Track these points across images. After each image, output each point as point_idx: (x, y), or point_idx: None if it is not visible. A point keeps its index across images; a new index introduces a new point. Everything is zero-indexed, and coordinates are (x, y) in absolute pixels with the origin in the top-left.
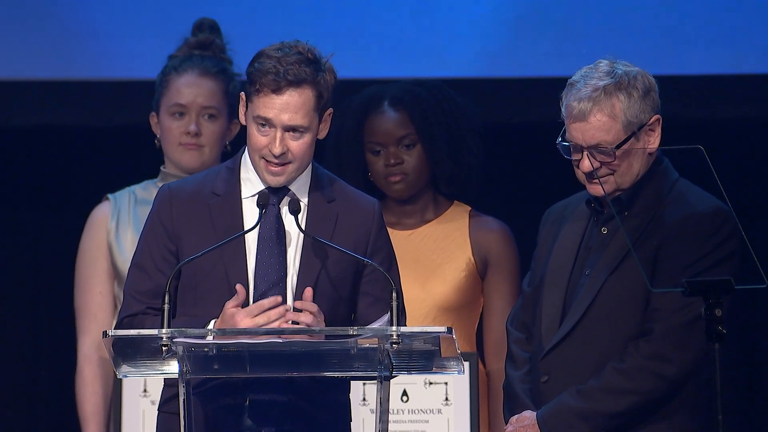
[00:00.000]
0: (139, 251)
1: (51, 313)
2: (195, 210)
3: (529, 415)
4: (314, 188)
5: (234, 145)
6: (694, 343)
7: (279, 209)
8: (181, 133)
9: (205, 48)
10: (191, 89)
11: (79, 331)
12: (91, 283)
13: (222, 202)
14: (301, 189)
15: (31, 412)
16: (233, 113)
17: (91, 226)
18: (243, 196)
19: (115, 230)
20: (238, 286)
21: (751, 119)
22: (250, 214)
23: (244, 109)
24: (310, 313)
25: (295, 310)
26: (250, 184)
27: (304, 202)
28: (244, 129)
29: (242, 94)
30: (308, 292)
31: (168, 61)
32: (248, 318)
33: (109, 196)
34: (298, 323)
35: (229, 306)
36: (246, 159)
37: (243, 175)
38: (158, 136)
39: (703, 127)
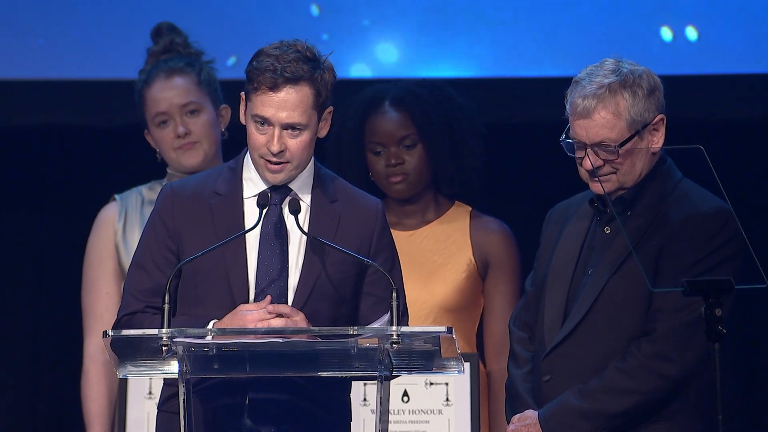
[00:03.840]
0: (140, 250)
1: (53, 314)
2: (196, 209)
3: (531, 415)
4: (317, 188)
5: (231, 130)
6: (697, 343)
7: (281, 209)
8: (172, 139)
9: (168, 51)
10: (164, 94)
11: (86, 331)
12: (98, 283)
13: (223, 201)
14: (303, 189)
15: (33, 413)
16: (218, 101)
17: (99, 227)
18: (245, 196)
19: (122, 230)
20: (268, 297)
21: (751, 119)
22: (252, 214)
23: (244, 108)
24: (286, 315)
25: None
26: (252, 184)
27: (306, 202)
28: (238, 114)
29: (242, 93)
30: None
31: (138, 76)
32: (259, 322)
33: (116, 196)
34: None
35: (246, 306)
36: (248, 159)
37: (245, 174)
38: (156, 149)
39: (703, 127)
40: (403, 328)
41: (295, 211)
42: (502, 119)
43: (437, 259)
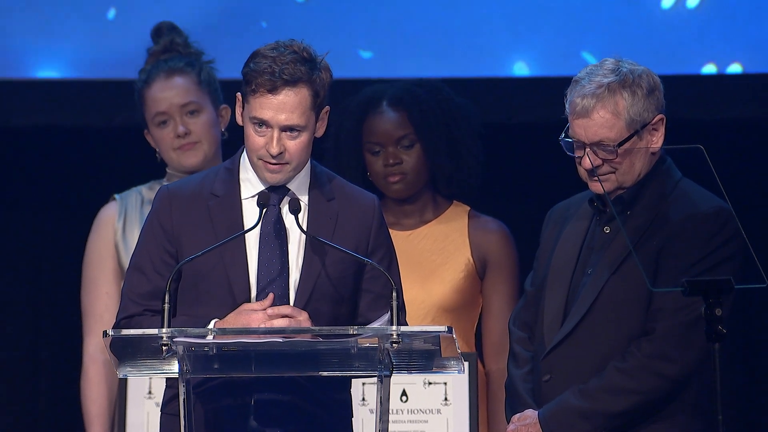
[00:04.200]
0: (138, 253)
1: (52, 314)
2: (194, 211)
3: (531, 414)
4: (314, 187)
5: (231, 130)
6: (697, 343)
7: (279, 209)
8: (172, 139)
9: (168, 51)
10: (164, 94)
11: (85, 331)
12: (97, 283)
13: (221, 202)
14: (300, 188)
15: (32, 413)
16: (218, 101)
17: (98, 226)
18: (242, 197)
19: (122, 230)
20: (271, 295)
21: (751, 119)
22: (250, 214)
23: (241, 109)
24: (289, 316)
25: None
26: (250, 185)
27: (304, 201)
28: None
29: (238, 94)
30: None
31: (138, 76)
32: (263, 322)
33: (116, 196)
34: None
35: (249, 305)
36: (245, 159)
37: (242, 175)
38: (156, 149)
39: (703, 127)
40: (404, 328)
41: (296, 210)
42: (502, 119)
43: (435, 259)
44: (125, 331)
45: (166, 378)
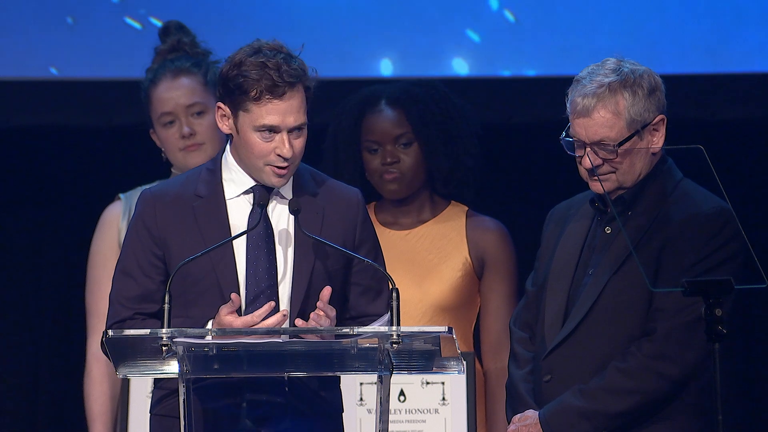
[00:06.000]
0: (124, 257)
1: (52, 314)
2: (179, 213)
3: (531, 415)
4: (298, 184)
5: None
6: (697, 343)
7: (265, 209)
8: (177, 139)
9: (176, 50)
10: (170, 94)
11: (89, 331)
12: (101, 283)
13: (206, 203)
14: (285, 186)
15: (32, 413)
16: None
17: (103, 226)
18: (227, 197)
19: (126, 230)
20: (233, 295)
21: (751, 119)
22: (236, 214)
23: (228, 119)
24: (327, 317)
25: (300, 309)
26: (233, 185)
27: (288, 198)
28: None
29: (220, 104)
30: (327, 291)
31: (145, 75)
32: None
33: (121, 195)
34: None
35: (224, 313)
36: (227, 160)
37: (225, 176)
38: (162, 149)
39: (703, 127)
40: (403, 328)
41: (296, 211)
42: (501, 119)
43: (433, 259)
44: (126, 332)
45: (154, 380)
